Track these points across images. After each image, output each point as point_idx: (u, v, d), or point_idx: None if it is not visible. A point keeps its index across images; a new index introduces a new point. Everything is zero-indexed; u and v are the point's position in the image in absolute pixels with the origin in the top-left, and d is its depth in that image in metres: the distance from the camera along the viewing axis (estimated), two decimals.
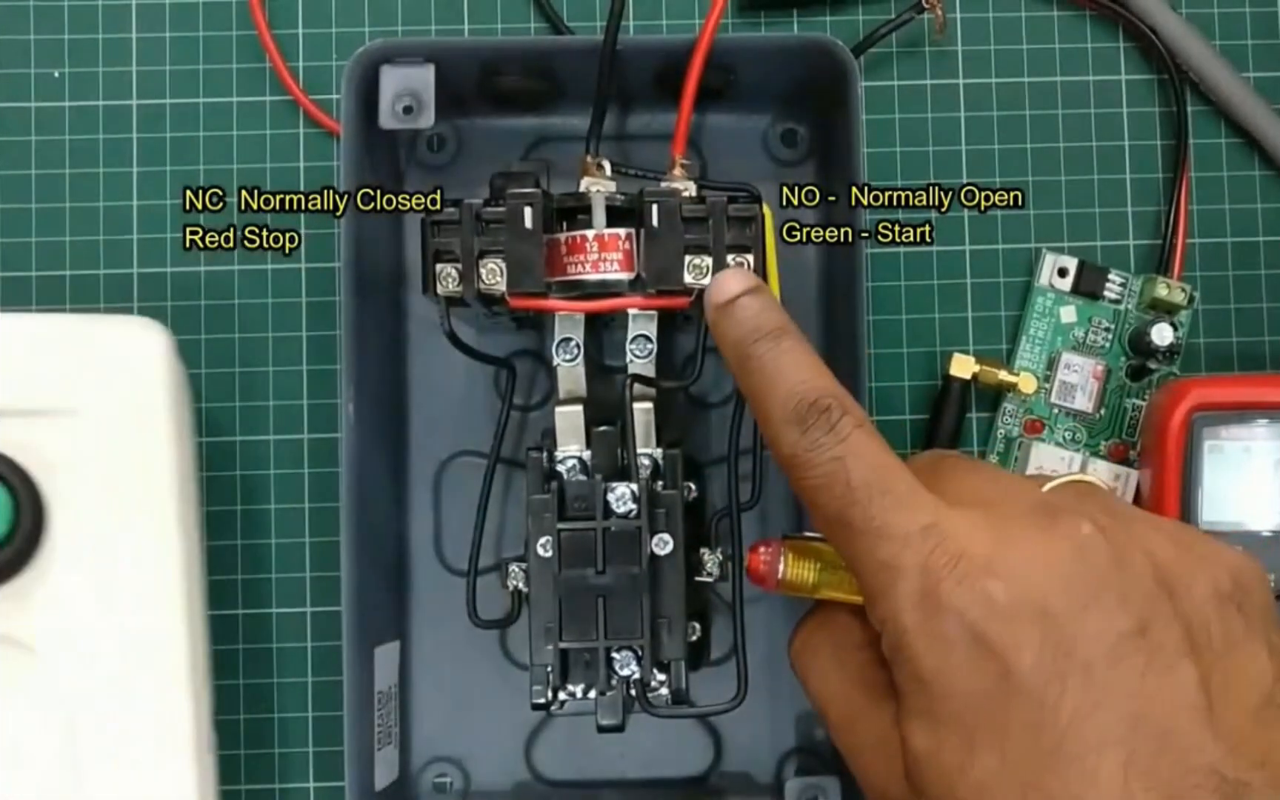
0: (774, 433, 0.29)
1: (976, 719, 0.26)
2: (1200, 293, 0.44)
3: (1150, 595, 0.27)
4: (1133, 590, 0.27)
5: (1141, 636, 0.26)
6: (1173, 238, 0.44)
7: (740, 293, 0.31)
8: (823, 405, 0.29)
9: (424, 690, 0.42)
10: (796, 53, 0.40)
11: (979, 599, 0.26)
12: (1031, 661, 0.25)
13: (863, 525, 0.27)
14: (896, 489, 0.28)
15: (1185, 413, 0.40)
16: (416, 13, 0.45)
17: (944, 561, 0.26)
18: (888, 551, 0.27)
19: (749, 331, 0.31)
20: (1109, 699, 0.25)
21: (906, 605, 0.26)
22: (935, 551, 0.27)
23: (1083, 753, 0.25)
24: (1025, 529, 0.27)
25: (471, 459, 0.42)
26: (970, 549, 0.27)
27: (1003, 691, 0.25)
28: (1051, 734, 0.25)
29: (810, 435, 0.28)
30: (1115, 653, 0.26)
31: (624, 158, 0.41)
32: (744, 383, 0.31)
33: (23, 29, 0.45)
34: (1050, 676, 0.25)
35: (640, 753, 0.42)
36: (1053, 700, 0.25)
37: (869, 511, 0.27)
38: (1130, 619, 0.26)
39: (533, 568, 0.36)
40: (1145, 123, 0.45)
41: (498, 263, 0.35)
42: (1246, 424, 0.40)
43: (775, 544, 0.32)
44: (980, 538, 0.27)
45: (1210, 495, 0.40)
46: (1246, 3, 0.45)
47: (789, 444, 0.29)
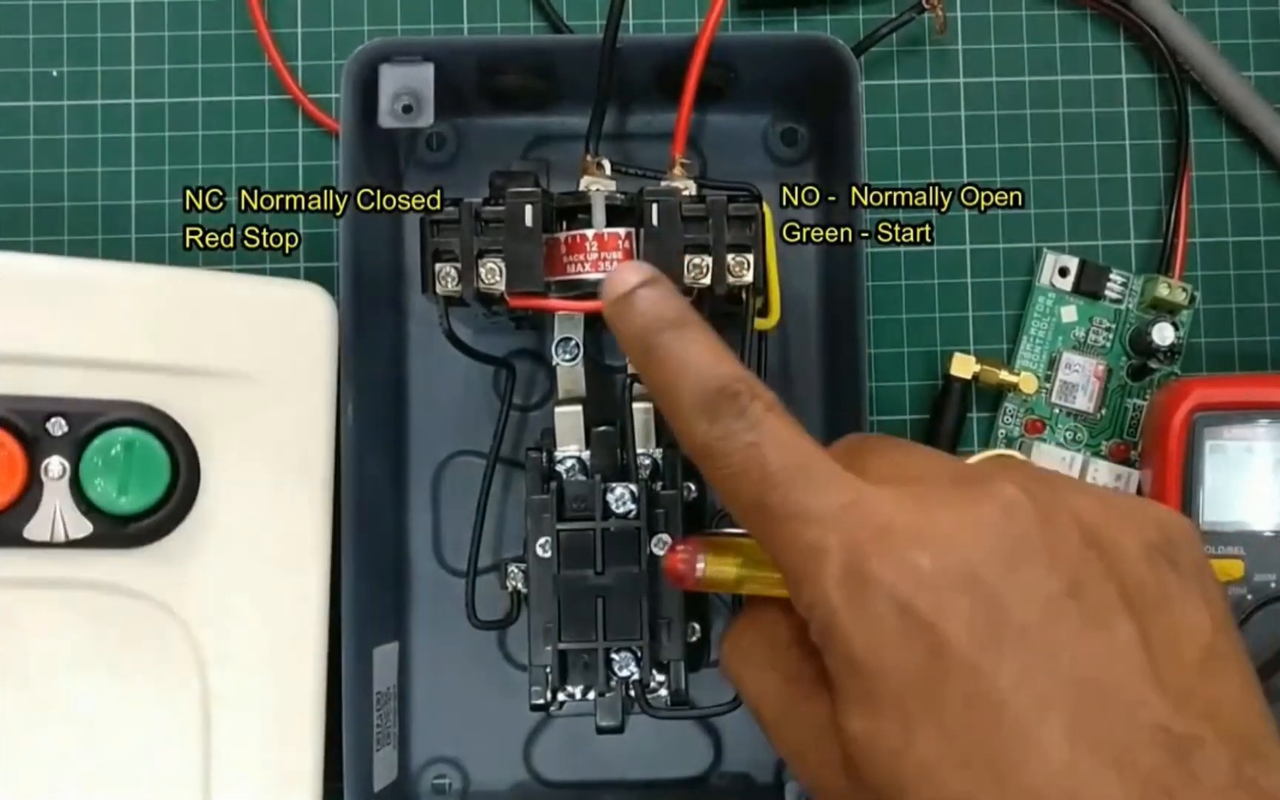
0: (683, 424, 0.28)
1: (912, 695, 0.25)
2: (1201, 292, 0.44)
3: (1080, 554, 0.26)
4: (1062, 549, 0.26)
5: (1075, 596, 0.25)
6: (1174, 237, 0.44)
7: (638, 284, 0.30)
8: (731, 391, 0.27)
9: (423, 691, 0.42)
10: (797, 52, 0.40)
11: (905, 570, 0.25)
12: (964, 630, 0.25)
13: (782, 510, 0.26)
14: (815, 470, 0.27)
15: (1187, 413, 0.40)
16: (416, 12, 0.45)
17: (867, 536, 0.26)
18: (810, 534, 0.26)
19: (650, 322, 0.29)
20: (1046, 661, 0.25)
21: (832, 585, 0.25)
22: (858, 528, 0.26)
23: (1024, 718, 0.24)
24: (949, 498, 0.27)
25: (471, 459, 0.42)
26: (894, 522, 0.26)
27: (937, 664, 0.25)
28: (990, 702, 0.24)
29: (721, 423, 0.27)
30: (1049, 614, 0.25)
31: (624, 157, 0.41)
32: (648, 376, 0.30)
33: (21, 28, 0.45)
34: (984, 643, 0.25)
35: (640, 754, 0.41)
36: (989, 668, 0.24)
37: (788, 495, 0.26)
38: (1062, 579, 0.25)
39: (532, 568, 0.36)
40: (1146, 122, 0.45)
41: (497, 262, 0.35)
42: (1248, 424, 0.40)
43: (693, 541, 0.31)
44: (904, 510, 0.26)
45: (1212, 495, 0.40)
46: (1247, 2, 0.45)
47: (700, 434, 0.28)
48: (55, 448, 0.35)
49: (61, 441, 0.35)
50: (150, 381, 0.36)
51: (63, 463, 0.35)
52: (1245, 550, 0.40)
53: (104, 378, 0.36)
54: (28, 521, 0.35)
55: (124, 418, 0.35)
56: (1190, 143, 0.44)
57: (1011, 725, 0.24)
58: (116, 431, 0.35)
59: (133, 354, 0.36)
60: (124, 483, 0.35)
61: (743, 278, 0.35)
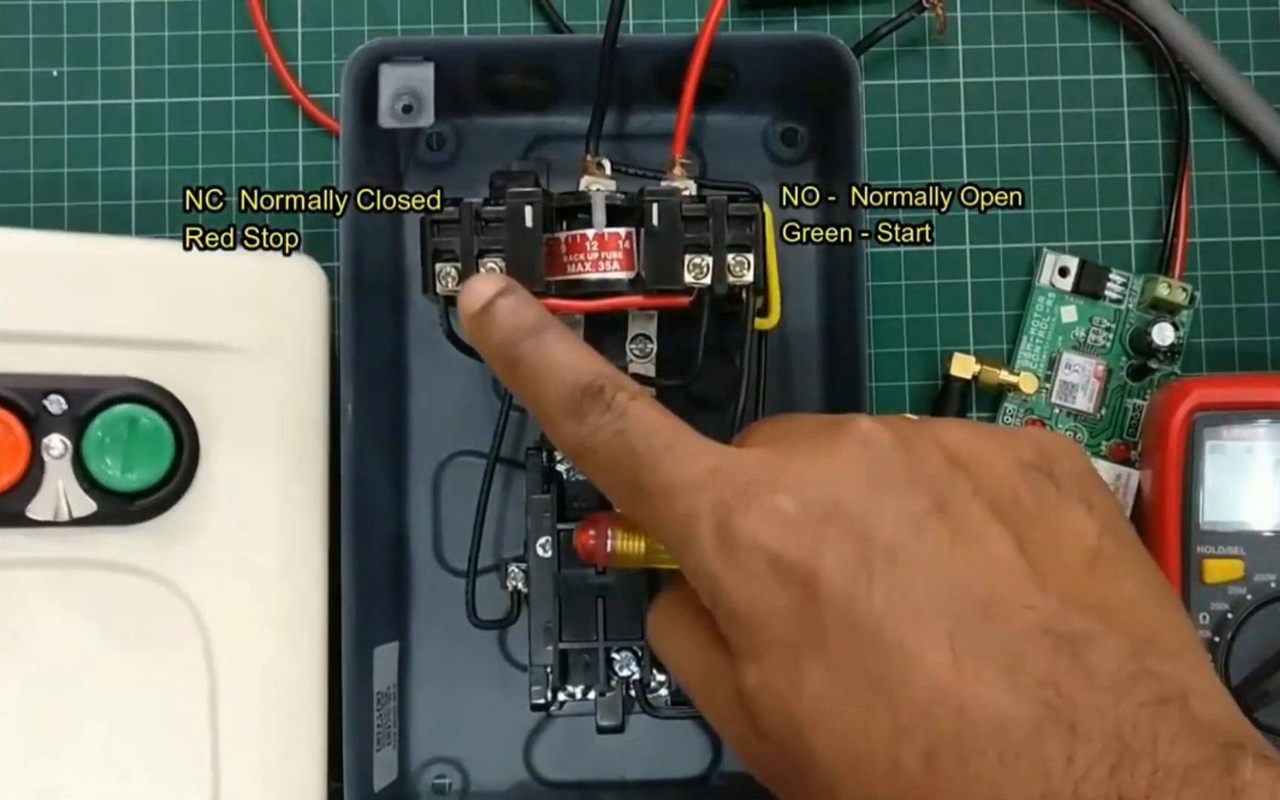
0: (554, 428, 0.29)
1: (794, 636, 0.25)
2: (1201, 292, 0.44)
3: (944, 475, 0.26)
4: (924, 470, 0.26)
5: (941, 512, 0.25)
6: (1174, 237, 0.44)
7: (494, 295, 0.30)
8: (595, 387, 0.28)
9: (423, 691, 0.42)
10: (797, 51, 0.40)
11: (769, 517, 0.26)
12: (832, 561, 0.25)
13: (653, 487, 0.27)
14: (680, 444, 0.27)
15: (1186, 413, 0.40)
16: (416, 12, 0.45)
17: (733, 494, 0.26)
18: (681, 504, 0.26)
19: (509, 332, 0.30)
20: (918, 576, 0.25)
21: (707, 548, 0.26)
22: (724, 488, 0.26)
23: (904, 634, 0.24)
24: (808, 443, 0.27)
25: (471, 459, 0.42)
26: (757, 477, 0.26)
27: (812, 600, 0.25)
28: (869, 626, 0.24)
29: (589, 420, 0.28)
30: (916, 531, 0.25)
31: (624, 157, 0.41)
32: (514, 385, 0.30)
33: (21, 28, 0.45)
34: (854, 569, 0.25)
35: (640, 753, 0.41)
36: (862, 592, 0.24)
37: (657, 472, 0.27)
38: (925, 498, 0.26)
39: (532, 568, 0.36)
40: (1146, 122, 0.45)
41: (497, 262, 0.35)
42: (1248, 424, 0.40)
43: (603, 519, 0.32)
44: (766, 464, 0.27)
45: (1211, 495, 0.40)
46: (1247, 2, 0.45)
47: (571, 434, 0.28)
48: (55, 426, 0.34)
49: (61, 419, 0.35)
50: (145, 357, 0.36)
51: (64, 441, 0.34)
52: (1245, 550, 0.40)
53: (99, 354, 0.35)
54: (30, 501, 0.34)
55: (124, 394, 0.35)
56: (1190, 143, 0.44)
57: (892, 645, 0.24)
58: (119, 408, 0.35)
59: (127, 329, 0.36)
60: (130, 459, 0.35)
61: (743, 278, 0.34)
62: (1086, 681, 0.23)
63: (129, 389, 0.35)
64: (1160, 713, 0.23)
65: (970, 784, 0.23)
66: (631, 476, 0.27)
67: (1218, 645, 0.39)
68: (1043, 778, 0.22)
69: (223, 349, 0.36)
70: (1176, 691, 0.23)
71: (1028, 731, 0.23)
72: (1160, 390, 0.42)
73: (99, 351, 0.35)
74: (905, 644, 0.24)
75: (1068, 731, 0.23)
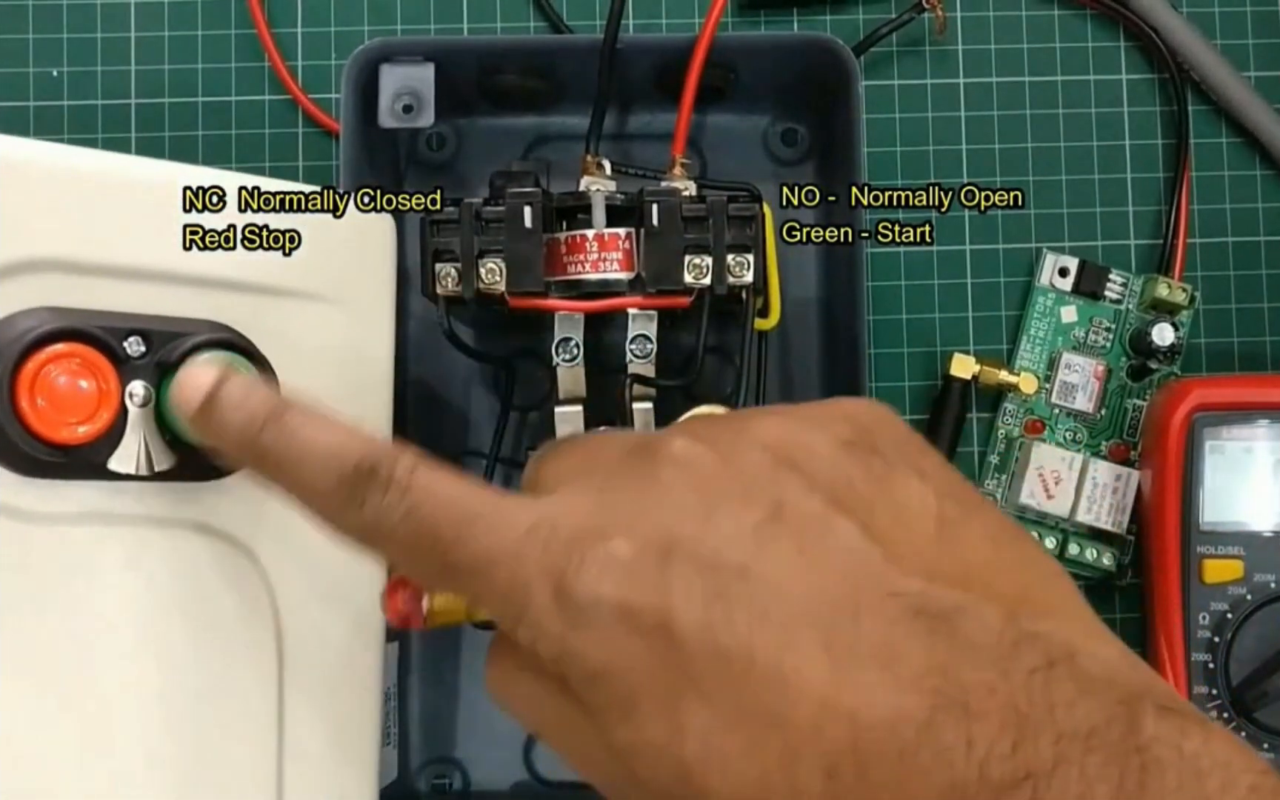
0: (335, 523, 0.26)
1: (663, 682, 0.23)
2: (1201, 293, 0.44)
3: (772, 477, 0.25)
4: (752, 480, 0.24)
5: (779, 519, 0.24)
6: (1174, 237, 0.44)
7: (212, 386, 0.27)
8: (367, 467, 0.25)
9: (423, 691, 0.42)
10: (797, 52, 0.40)
11: (605, 569, 0.24)
12: (683, 597, 0.23)
13: (469, 564, 0.24)
14: (484, 511, 0.25)
15: (1186, 413, 0.40)
16: (416, 12, 0.45)
17: (559, 552, 0.24)
18: (503, 575, 0.24)
19: (244, 425, 0.27)
20: (777, 591, 0.23)
21: (545, 616, 0.24)
22: (547, 547, 0.24)
23: (776, 656, 0.23)
24: (623, 475, 0.25)
25: (471, 459, 0.42)
26: (580, 526, 0.24)
27: (672, 643, 0.23)
28: (739, 655, 0.23)
29: (370, 504, 0.25)
30: (760, 544, 0.24)
31: (624, 157, 0.41)
32: (269, 479, 0.27)
33: (22, 28, 0.45)
34: (708, 601, 0.23)
35: None
36: (722, 621, 0.23)
37: (467, 548, 0.24)
38: (760, 508, 0.24)
39: None
40: (1146, 122, 0.45)
41: (497, 262, 0.35)
42: (1247, 424, 0.40)
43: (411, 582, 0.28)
44: (585, 510, 0.25)
45: (1211, 495, 0.40)
46: (1247, 2, 0.45)
47: (353, 524, 0.25)
48: (136, 371, 0.31)
49: (142, 364, 0.31)
50: (220, 299, 0.32)
51: (147, 387, 0.31)
52: (1245, 550, 0.40)
53: (168, 293, 0.32)
54: (111, 451, 0.31)
55: (211, 339, 0.31)
56: (1190, 143, 0.44)
57: (766, 668, 0.23)
58: (214, 351, 0.31)
59: (200, 267, 0.32)
60: None
61: (743, 278, 0.35)
62: (969, 658, 0.22)
63: (214, 334, 0.31)
64: (1050, 677, 0.22)
65: (875, 790, 0.22)
66: (441, 559, 0.25)
67: (1217, 645, 0.39)
68: (946, 767, 0.21)
69: (298, 294, 0.33)
70: (1063, 651, 0.22)
71: (921, 724, 0.22)
72: (1160, 391, 0.42)
73: (167, 290, 0.32)
74: (778, 665, 0.23)
75: (961, 714, 0.22)
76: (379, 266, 0.36)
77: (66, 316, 0.30)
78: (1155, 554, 0.41)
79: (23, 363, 0.29)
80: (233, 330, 0.32)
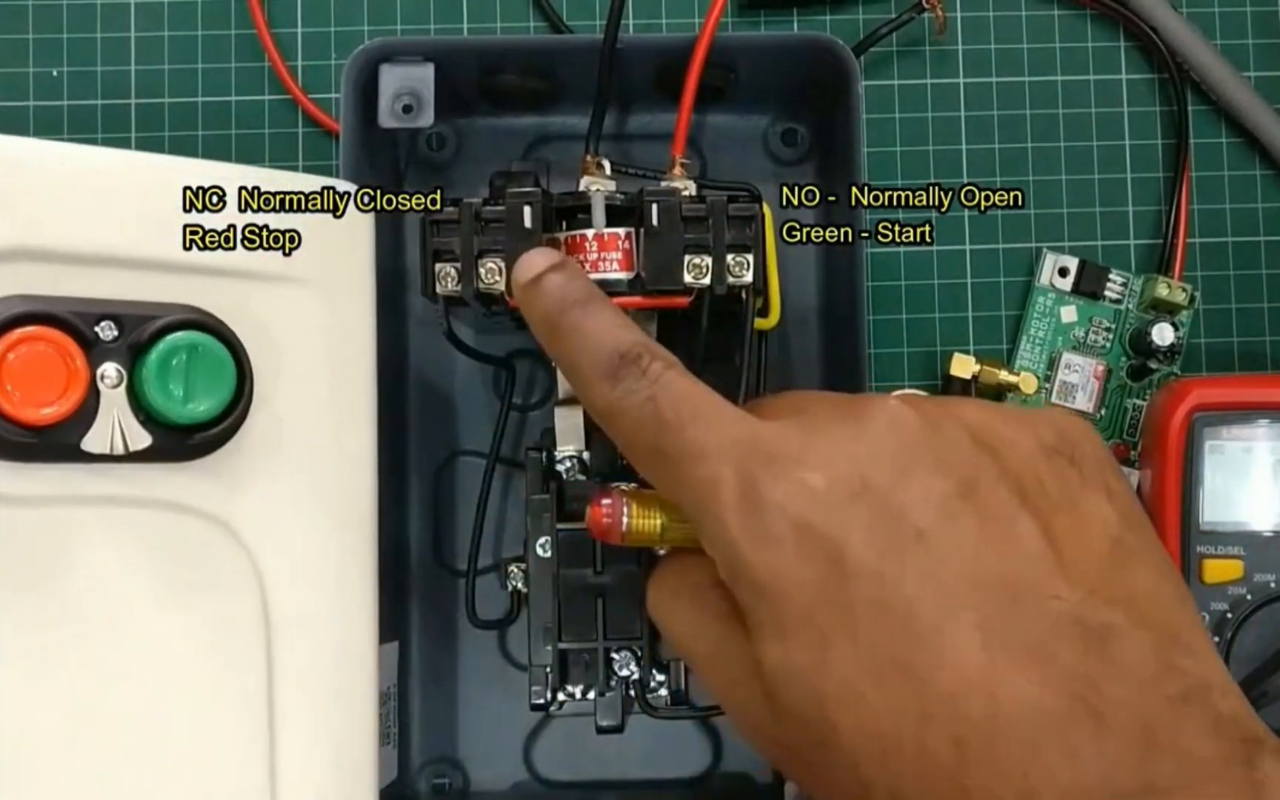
0: (590, 392, 0.29)
1: (821, 612, 0.25)
2: (1201, 292, 0.44)
3: (970, 456, 0.26)
4: (950, 453, 0.26)
5: (969, 496, 0.25)
6: (1173, 237, 0.44)
7: (546, 268, 0.31)
8: (632, 355, 0.29)
9: (423, 691, 0.42)
10: (797, 52, 0.40)
11: (797, 490, 0.25)
12: (862, 539, 0.25)
13: (677, 451, 0.27)
14: (707, 412, 0.27)
15: (1186, 413, 0.40)
16: (415, 11, 0.45)
17: (759, 464, 0.26)
18: (704, 469, 0.26)
19: (556, 301, 0.30)
20: (949, 562, 0.24)
21: (729, 513, 0.26)
22: (749, 457, 0.26)
23: (934, 621, 0.24)
24: (834, 419, 0.27)
25: (470, 459, 0.42)
26: (784, 448, 0.26)
27: (840, 577, 0.25)
28: (899, 608, 0.24)
29: (623, 384, 0.28)
30: (945, 515, 0.25)
31: (624, 157, 0.41)
32: (557, 351, 0.31)
33: (21, 28, 0.45)
34: (884, 550, 0.25)
35: (639, 753, 0.41)
36: (892, 573, 0.24)
37: (681, 436, 0.27)
38: (952, 480, 0.25)
39: (532, 568, 0.36)
40: (1146, 122, 0.45)
41: (497, 262, 0.35)
42: (1247, 424, 0.40)
43: (616, 494, 0.30)
44: (792, 437, 0.26)
45: (1211, 495, 0.40)
46: (1247, 2, 0.45)
47: (603, 397, 0.29)
48: (109, 354, 0.32)
49: (115, 347, 0.32)
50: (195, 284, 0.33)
51: (119, 369, 0.32)
52: (1245, 550, 0.40)
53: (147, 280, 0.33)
54: (85, 432, 0.31)
55: (182, 320, 0.32)
56: (1190, 143, 0.44)
57: (922, 629, 0.24)
58: (179, 334, 0.32)
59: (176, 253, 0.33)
60: (190, 389, 0.32)
61: (743, 278, 0.34)
62: (1115, 675, 0.23)
63: (185, 316, 0.32)
64: (1184, 708, 0.23)
65: (999, 771, 0.23)
66: (654, 439, 0.27)
67: (1218, 645, 0.39)
68: (1071, 766, 0.23)
69: (271, 277, 0.34)
70: (1199, 687, 0.24)
71: (1058, 721, 0.23)
72: (1160, 390, 0.42)
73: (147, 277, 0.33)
74: (935, 629, 0.24)
75: (1095, 722, 0.23)
76: (355, 249, 0.36)
77: (35, 302, 0.31)
78: None
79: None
80: (206, 312, 0.33)
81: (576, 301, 0.30)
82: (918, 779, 0.24)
